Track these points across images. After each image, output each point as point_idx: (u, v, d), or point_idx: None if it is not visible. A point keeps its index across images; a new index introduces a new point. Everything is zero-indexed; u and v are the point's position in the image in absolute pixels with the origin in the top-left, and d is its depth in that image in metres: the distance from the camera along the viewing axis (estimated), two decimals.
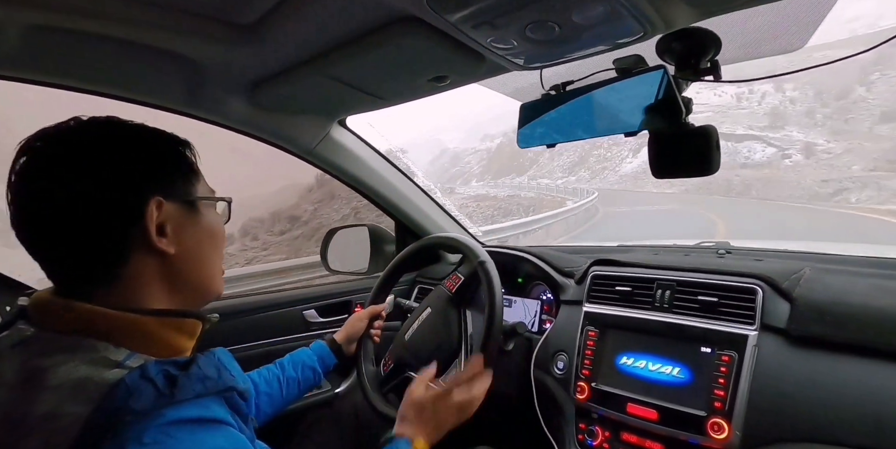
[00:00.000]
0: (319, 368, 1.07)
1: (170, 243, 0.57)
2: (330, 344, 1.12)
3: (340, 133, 1.36)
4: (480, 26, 0.71)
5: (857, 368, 0.79)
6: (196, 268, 0.61)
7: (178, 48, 0.89)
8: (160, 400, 0.45)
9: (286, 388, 1.01)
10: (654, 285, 1.05)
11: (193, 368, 0.50)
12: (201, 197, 0.63)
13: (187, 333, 0.59)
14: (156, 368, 0.48)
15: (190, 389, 0.48)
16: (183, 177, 0.61)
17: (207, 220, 0.63)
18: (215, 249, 0.65)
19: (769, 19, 0.73)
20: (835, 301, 0.86)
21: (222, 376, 0.52)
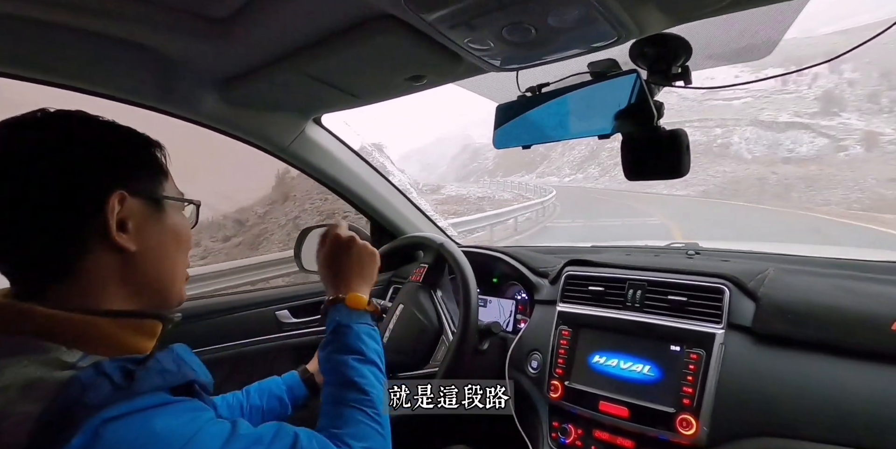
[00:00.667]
0: (287, 398, 0.98)
1: (130, 240, 0.55)
2: (301, 374, 1.03)
3: (315, 131, 1.34)
4: (458, 27, 0.71)
5: (818, 364, 0.82)
6: (157, 268, 0.59)
7: (150, 42, 0.86)
8: (117, 393, 0.44)
9: (248, 417, 0.91)
10: (625, 285, 1.07)
11: (152, 362, 0.49)
12: (168, 196, 0.61)
13: (146, 334, 0.57)
14: (112, 364, 0.46)
15: (148, 382, 0.47)
16: (150, 175, 0.60)
17: (173, 221, 0.61)
18: (179, 251, 0.63)
19: (738, 28, 0.75)
20: (797, 300, 0.90)
21: (182, 370, 0.52)
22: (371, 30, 0.77)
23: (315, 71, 0.95)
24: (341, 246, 0.88)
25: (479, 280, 1.12)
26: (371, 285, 0.88)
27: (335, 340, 0.78)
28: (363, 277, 0.87)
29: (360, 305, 0.82)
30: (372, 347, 0.78)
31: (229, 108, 1.14)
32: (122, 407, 0.44)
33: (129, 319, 0.55)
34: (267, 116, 1.22)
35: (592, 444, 1.02)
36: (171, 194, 0.62)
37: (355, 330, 0.79)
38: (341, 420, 0.69)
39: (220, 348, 1.31)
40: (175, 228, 0.62)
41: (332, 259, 0.88)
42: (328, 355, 0.77)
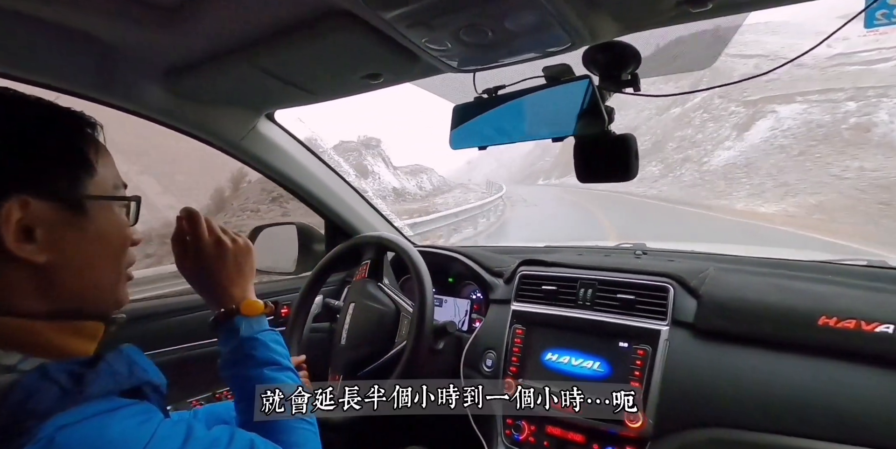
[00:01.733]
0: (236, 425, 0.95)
1: (39, 251, 0.48)
2: None
3: (268, 127, 1.30)
4: (415, 26, 0.71)
5: (753, 357, 0.87)
6: (80, 279, 0.52)
7: (89, 28, 0.81)
8: (66, 398, 0.41)
9: None
10: (577, 284, 1.10)
11: (101, 364, 0.46)
12: (92, 196, 0.52)
13: (87, 336, 0.53)
14: (58, 367, 0.43)
15: (98, 386, 0.44)
16: (68, 171, 0.51)
17: (99, 224, 0.53)
18: (109, 257, 0.55)
19: (684, 39, 0.79)
20: (734, 297, 0.95)
21: (134, 371, 0.49)
22: (328, 26, 0.76)
23: (268, 65, 0.92)
24: (210, 251, 0.73)
25: (435, 280, 1.13)
26: (252, 281, 0.77)
27: (243, 356, 0.70)
28: (244, 277, 0.76)
29: (257, 310, 0.73)
30: (282, 352, 0.73)
31: (176, 101, 1.09)
32: (75, 413, 0.41)
33: (66, 321, 0.51)
34: (217, 110, 1.17)
35: (545, 439, 1.04)
36: (99, 191, 0.53)
37: (261, 340, 0.71)
38: (276, 431, 0.65)
39: (165, 352, 1.25)
40: (102, 233, 0.53)
41: (202, 267, 0.73)
42: (238, 372, 0.70)
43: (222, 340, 0.73)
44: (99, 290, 0.54)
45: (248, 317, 0.72)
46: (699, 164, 25.07)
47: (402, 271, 1.50)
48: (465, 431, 1.15)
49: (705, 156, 25.88)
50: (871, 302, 0.86)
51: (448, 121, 0.90)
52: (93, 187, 0.53)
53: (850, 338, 0.81)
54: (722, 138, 26.69)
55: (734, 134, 26.44)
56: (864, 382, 0.78)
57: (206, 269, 0.73)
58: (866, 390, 0.77)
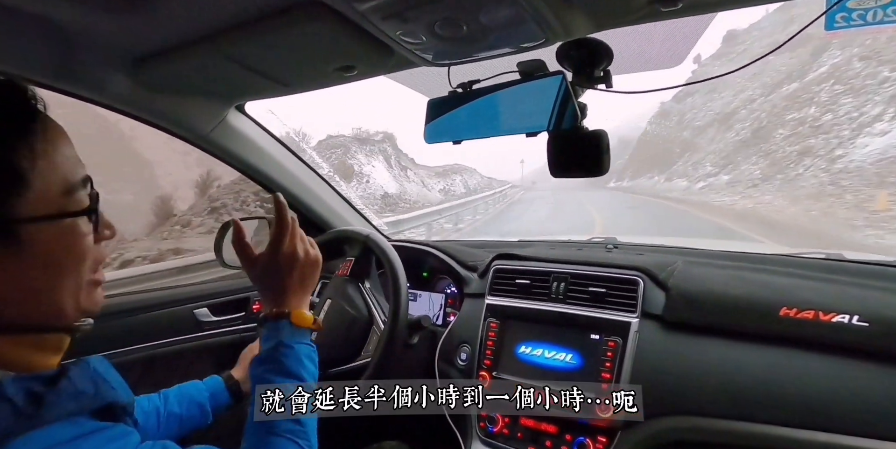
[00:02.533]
0: (209, 406, 0.91)
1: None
2: (226, 380, 0.96)
3: (238, 119, 1.27)
4: (390, 18, 0.70)
5: (718, 347, 0.90)
6: (32, 304, 0.45)
7: (50, 13, 0.77)
8: (21, 422, 0.37)
9: (164, 424, 0.84)
10: (550, 278, 1.12)
11: (63, 382, 0.42)
12: (24, 219, 0.42)
13: (51, 349, 0.48)
14: (14, 385, 0.39)
15: (60, 408, 0.40)
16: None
17: (42, 247, 0.44)
18: (60, 277, 0.46)
19: (654, 37, 0.81)
20: (700, 290, 0.98)
21: (100, 391, 0.45)
22: (300, 16, 0.74)
23: (238, 55, 0.90)
24: (287, 257, 0.76)
25: (409, 274, 1.13)
26: (311, 293, 0.80)
27: (273, 359, 0.71)
28: (305, 289, 0.78)
29: (306, 323, 0.74)
30: (311, 371, 0.72)
31: (141, 91, 1.05)
32: (34, 439, 0.37)
33: (25, 335, 0.45)
34: (184, 101, 1.14)
35: (519, 431, 1.06)
36: (35, 209, 0.43)
37: (296, 351, 0.72)
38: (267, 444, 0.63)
39: (131, 350, 1.21)
40: (51, 257, 0.45)
41: (273, 269, 0.76)
42: (263, 374, 0.70)
43: (264, 338, 0.74)
44: (58, 315, 0.47)
45: (294, 325, 0.73)
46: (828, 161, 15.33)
47: (377, 266, 1.49)
48: (439, 425, 1.16)
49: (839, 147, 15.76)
50: (829, 293, 0.90)
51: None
52: (27, 205, 0.43)
53: (809, 328, 0.84)
54: (868, 120, 16.15)
55: (891, 111, 15.84)
56: (822, 370, 0.81)
57: (275, 269, 0.75)
58: (824, 377, 0.81)
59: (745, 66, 0.77)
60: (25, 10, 0.75)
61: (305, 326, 0.74)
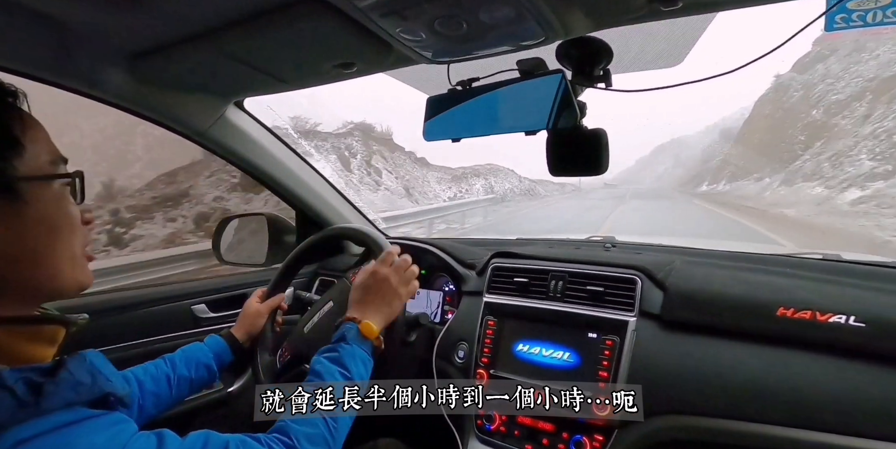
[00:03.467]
0: (215, 366, 0.97)
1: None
2: (227, 339, 1.03)
3: (237, 115, 1.27)
4: (389, 15, 0.70)
5: (715, 347, 0.91)
6: (32, 269, 0.48)
7: (49, 8, 0.76)
8: (22, 411, 0.39)
9: (176, 387, 0.90)
10: (548, 276, 1.12)
11: (63, 373, 0.43)
12: (24, 177, 0.47)
13: (45, 340, 0.50)
14: (14, 375, 0.41)
15: (59, 397, 0.41)
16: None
17: (39, 207, 0.48)
18: (58, 242, 0.50)
19: (654, 37, 0.81)
20: (698, 289, 0.98)
21: (97, 381, 0.46)
22: (299, 12, 0.74)
23: (237, 51, 0.90)
24: (379, 280, 0.92)
25: None
26: (387, 324, 0.91)
27: (334, 349, 0.81)
28: (382, 311, 0.90)
29: (370, 334, 0.85)
30: (359, 371, 0.80)
31: (139, 87, 1.04)
32: (33, 426, 0.39)
33: (20, 326, 0.47)
34: (183, 97, 1.13)
35: (516, 429, 1.06)
36: (30, 171, 0.48)
37: (353, 351, 0.81)
38: (303, 418, 0.70)
39: (129, 346, 1.21)
40: (45, 216, 0.49)
41: (368, 285, 0.92)
42: (321, 358, 0.80)
43: (334, 337, 0.85)
44: (55, 278, 0.50)
45: (360, 332, 0.85)
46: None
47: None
48: (436, 422, 1.16)
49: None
50: (826, 294, 0.90)
51: None
52: (25, 167, 0.48)
53: (806, 328, 0.84)
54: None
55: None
56: (818, 370, 0.82)
57: (365, 286, 0.92)
58: (820, 377, 0.81)
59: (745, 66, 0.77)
60: (24, 6, 0.75)
61: (369, 337, 0.85)
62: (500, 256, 1.25)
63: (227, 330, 1.06)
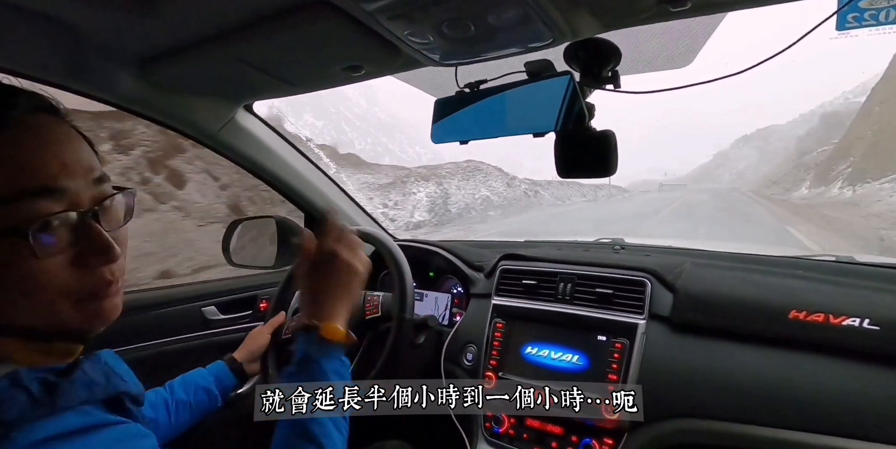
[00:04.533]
0: (216, 389, 0.95)
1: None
2: (229, 363, 1.00)
3: (246, 118, 1.28)
4: (397, 18, 0.70)
5: (725, 350, 0.90)
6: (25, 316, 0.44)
7: (61, 13, 0.78)
8: (36, 409, 0.39)
9: (175, 413, 0.87)
10: (557, 279, 1.12)
11: (77, 373, 0.43)
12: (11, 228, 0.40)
13: (59, 355, 0.48)
14: (30, 374, 0.41)
15: (73, 396, 0.41)
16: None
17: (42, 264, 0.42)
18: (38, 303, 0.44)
19: (663, 38, 0.80)
20: (708, 291, 0.97)
21: (111, 381, 0.46)
22: (307, 16, 0.74)
23: (246, 55, 0.91)
24: (322, 261, 0.76)
25: (415, 274, 1.13)
26: (351, 308, 0.78)
27: (299, 373, 0.70)
28: (343, 299, 0.76)
29: (336, 337, 0.72)
30: (337, 389, 0.70)
31: (150, 91, 1.06)
32: (49, 426, 0.38)
33: (36, 342, 0.46)
34: (193, 101, 1.15)
35: (524, 432, 1.05)
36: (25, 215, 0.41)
37: (323, 367, 0.70)
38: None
39: (139, 348, 1.23)
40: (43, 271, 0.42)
41: (310, 277, 0.76)
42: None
43: (297, 350, 0.72)
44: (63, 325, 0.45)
45: (324, 339, 0.71)
46: None
47: (382, 266, 1.49)
48: (444, 424, 1.16)
49: None
50: (839, 296, 0.89)
51: None
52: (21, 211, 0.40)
53: (819, 331, 0.83)
54: None
55: None
56: (831, 373, 0.81)
57: (312, 271, 0.76)
58: (833, 381, 0.80)
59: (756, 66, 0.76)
60: (37, 11, 0.76)
61: (336, 340, 0.72)
62: (509, 258, 1.25)
63: (229, 355, 1.03)
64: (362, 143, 61.78)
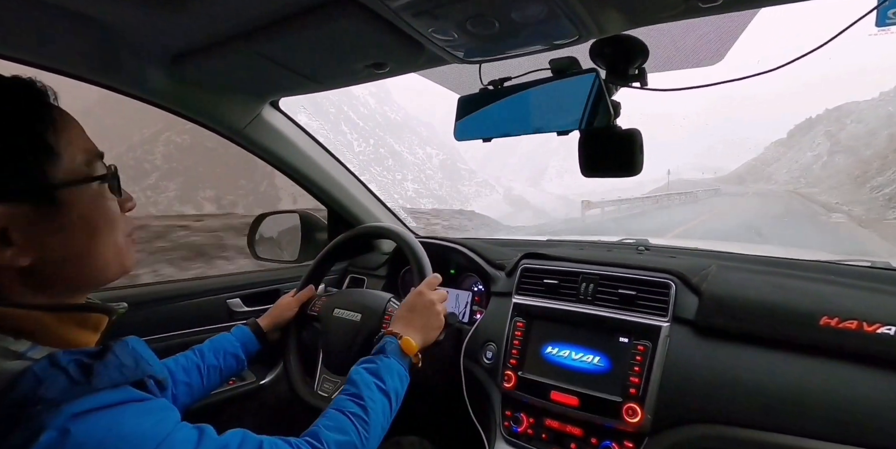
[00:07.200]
0: (243, 355, 1.01)
1: (19, 253, 0.46)
2: (253, 328, 1.06)
3: (272, 115, 1.30)
4: (421, 15, 0.70)
5: (752, 355, 0.87)
6: (74, 269, 0.51)
7: (94, 12, 0.80)
8: (75, 389, 0.42)
9: (207, 377, 0.94)
10: (579, 279, 1.10)
11: (109, 356, 0.47)
12: (60, 184, 0.48)
13: (91, 327, 0.54)
14: (66, 357, 0.44)
15: (107, 377, 0.45)
16: (26, 163, 0.47)
17: (79, 209, 0.50)
18: (100, 240, 0.52)
19: (692, 34, 0.78)
20: (734, 295, 0.95)
21: (140, 365, 0.50)
22: (332, 13, 0.75)
23: (272, 52, 0.92)
24: (424, 303, 0.97)
25: (437, 271, 1.13)
26: (425, 345, 0.94)
27: (372, 361, 0.83)
28: (422, 331, 0.94)
29: (410, 351, 0.88)
30: (394, 384, 0.81)
31: (179, 87, 1.08)
32: (86, 402, 0.42)
33: (68, 313, 0.51)
34: (220, 97, 1.17)
35: (543, 432, 1.05)
36: (66, 176, 0.49)
37: (392, 364, 0.83)
38: (335, 425, 0.70)
39: (166, 337, 1.26)
40: (85, 218, 0.50)
41: (414, 305, 0.97)
42: (360, 370, 0.81)
43: (375, 349, 0.88)
44: (101, 270, 0.53)
45: (399, 346, 0.88)
46: None
47: (403, 262, 1.50)
48: (463, 423, 1.16)
49: None
50: (873, 303, 0.86)
51: None
52: (59, 173, 0.48)
53: (852, 338, 0.81)
54: None
55: None
56: (863, 383, 0.78)
57: (411, 305, 0.97)
58: (865, 391, 0.77)
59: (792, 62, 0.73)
60: (71, 9, 0.79)
61: (408, 353, 0.88)
62: (530, 257, 1.24)
63: (252, 319, 1.10)
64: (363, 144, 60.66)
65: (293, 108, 1.30)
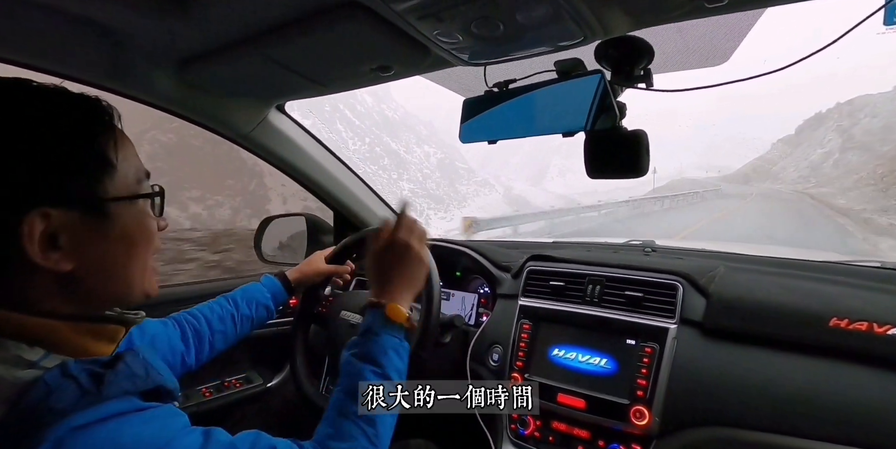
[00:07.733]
0: (272, 305, 1.07)
1: (64, 258, 0.47)
2: (281, 279, 1.11)
3: (278, 118, 1.31)
4: (426, 18, 0.71)
5: (760, 357, 0.87)
6: (108, 280, 0.52)
7: (98, 16, 0.81)
8: (85, 398, 0.42)
9: (240, 325, 1.01)
10: (585, 280, 1.10)
11: (121, 365, 0.47)
12: (113, 198, 0.51)
13: (107, 338, 0.53)
14: (78, 366, 0.44)
15: (118, 386, 0.45)
16: (87, 175, 0.49)
17: (123, 224, 0.52)
18: (135, 255, 0.54)
19: (697, 35, 0.78)
20: (742, 297, 0.94)
21: (150, 374, 0.50)
22: (338, 17, 0.76)
23: (278, 56, 0.93)
24: (395, 249, 0.83)
25: (443, 273, 1.13)
26: (416, 294, 0.85)
27: (361, 343, 0.75)
28: (407, 284, 0.83)
29: (398, 317, 0.78)
30: (393, 363, 0.74)
31: (186, 91, 1.09)
32: (88, 414, 0.41)
33: (86, 323, 0.51)
34: (227, 101, 1.18)
35: (550, 435, 1.04)
36: (119, 191, 0.51)
37: (382, 341, 0.75)
38: (339, 433, 0.66)
39: None
40: (127, 233, 0.52)
41: (382, 260, 0.83)
42: (350, 358, 0.74)
43: (361, 325, 0.79)
44: (127, 288, 0.54)
45: (386, 316, 0.77)
46: None
47: None
48: (469, 426, 1.16)
49: None
50: (884, 304, 0.85)
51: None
52: (114, 187, 0.51)
53: (862, 340, 0.80)
54: None
55: None
56: (873, 385, 0.77)
57: (384, 258, 0.83)
58: (876, 393, 0.76)
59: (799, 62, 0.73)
60: (78, 14, 0.80)
61: (397, 321, 0.78)
62: (536, 259, 1.24)
63: (281, 271, 1.14)
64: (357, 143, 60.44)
65: (288, 105, 1.31)
